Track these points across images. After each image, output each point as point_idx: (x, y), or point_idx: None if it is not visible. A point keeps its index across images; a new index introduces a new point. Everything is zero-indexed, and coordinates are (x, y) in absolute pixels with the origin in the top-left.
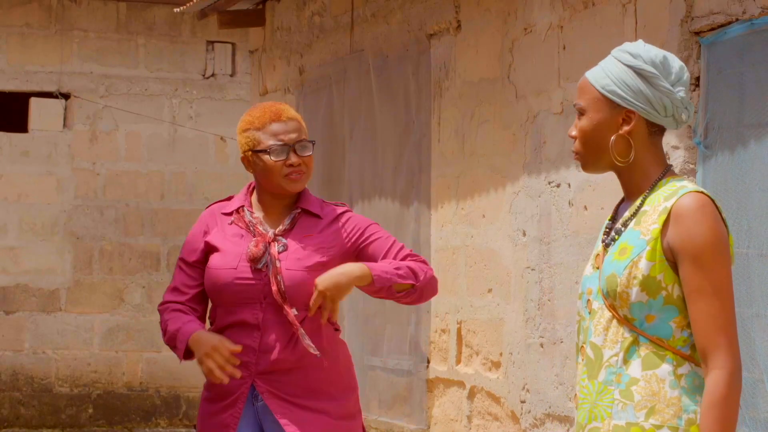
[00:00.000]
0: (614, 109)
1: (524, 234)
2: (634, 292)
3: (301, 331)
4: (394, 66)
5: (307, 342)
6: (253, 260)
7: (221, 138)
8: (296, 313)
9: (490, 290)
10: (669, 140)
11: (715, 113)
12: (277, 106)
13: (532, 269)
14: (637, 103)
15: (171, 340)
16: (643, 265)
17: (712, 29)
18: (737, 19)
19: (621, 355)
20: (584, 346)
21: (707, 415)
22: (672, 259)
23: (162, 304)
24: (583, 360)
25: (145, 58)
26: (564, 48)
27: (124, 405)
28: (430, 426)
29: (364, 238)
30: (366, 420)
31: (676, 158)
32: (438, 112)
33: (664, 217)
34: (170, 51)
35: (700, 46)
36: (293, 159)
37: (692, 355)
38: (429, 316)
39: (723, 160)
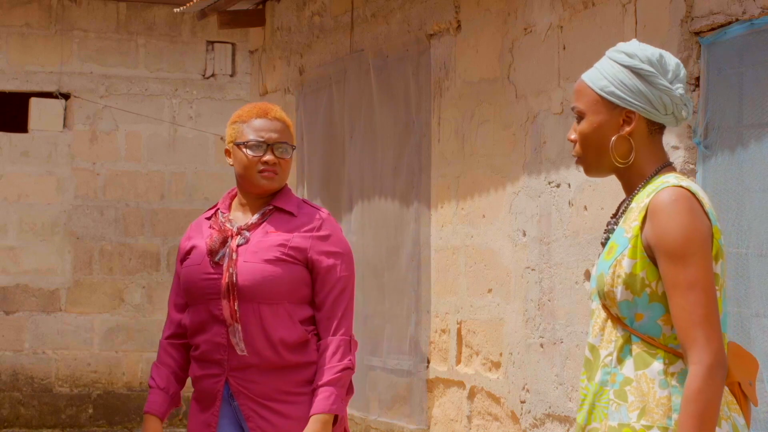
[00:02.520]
0: (614, 110)
1: (524, 234)
2: (619, 290)
3: (235, 327)
4: (394, 66)
5: (236, 341)
6: (210, 253)
7: (221, 138)
8: (236, 309)
9: (490, 290)
10: (669, 140)
11: (715, 113)
12: (267, 105)
13: (532, 269)
14: (637, 103)
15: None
16: (626, 263)
17: (712, 29)
18: (737, 19)
19: (615, 354)
20: (586, 347)
21: (683, 410)
22: (652, 255)
23: (162, 335)
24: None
25: (145, 58)
26: (564, 48)
27: (124, 405)
28: (430, 426)
29: (320, 270)
30: (366, 420)
31: (676, 158)
32: (438, 112)
33: (643, 213)
34: (170, 51)
35: (700, 46)
36: (268, 157)
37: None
38: (429, 316)
39: (723, 160)
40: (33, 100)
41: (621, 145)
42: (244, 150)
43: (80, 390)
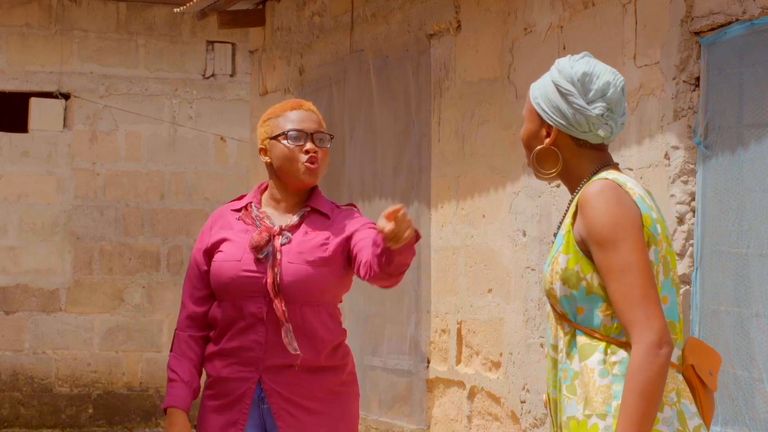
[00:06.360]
0: (542, 122)
1: (524, 234)
2: (558, 286)
3: (287, 327)
4: (394, 66)
5: (288, 340)
6: (256, 249)
7: (221, 138)
8: (284, 309)
9: (490, 290)
10: (669, 140)
11: (715, 113)
12: (299, 100)
13: (532, 269)
14: (555, 118)
15: (168, 382)
16: (561, 260)
17: (712, 29)
18: (737, 19)
19: (564, 350)
20: (547, 350)
21: (625, 388)
22: (585, 249)
23: (177, 326)
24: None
25: (145, 58)
26: (564, 48)
27: (124, 405)
28: (430, 426)
29: (358, 230)
30: (366, 420)
31: (676, 158)
32: (438, 112)
33: (573, 209)
34: (170, 51)
35: (700, 46)
36: (309, 145)
37: (629, 342)
38: (429, 316)
39: (723, 160)
40: (33, 100)
41: (546, 155)
42: (283, 141)
43: (80, 390)
